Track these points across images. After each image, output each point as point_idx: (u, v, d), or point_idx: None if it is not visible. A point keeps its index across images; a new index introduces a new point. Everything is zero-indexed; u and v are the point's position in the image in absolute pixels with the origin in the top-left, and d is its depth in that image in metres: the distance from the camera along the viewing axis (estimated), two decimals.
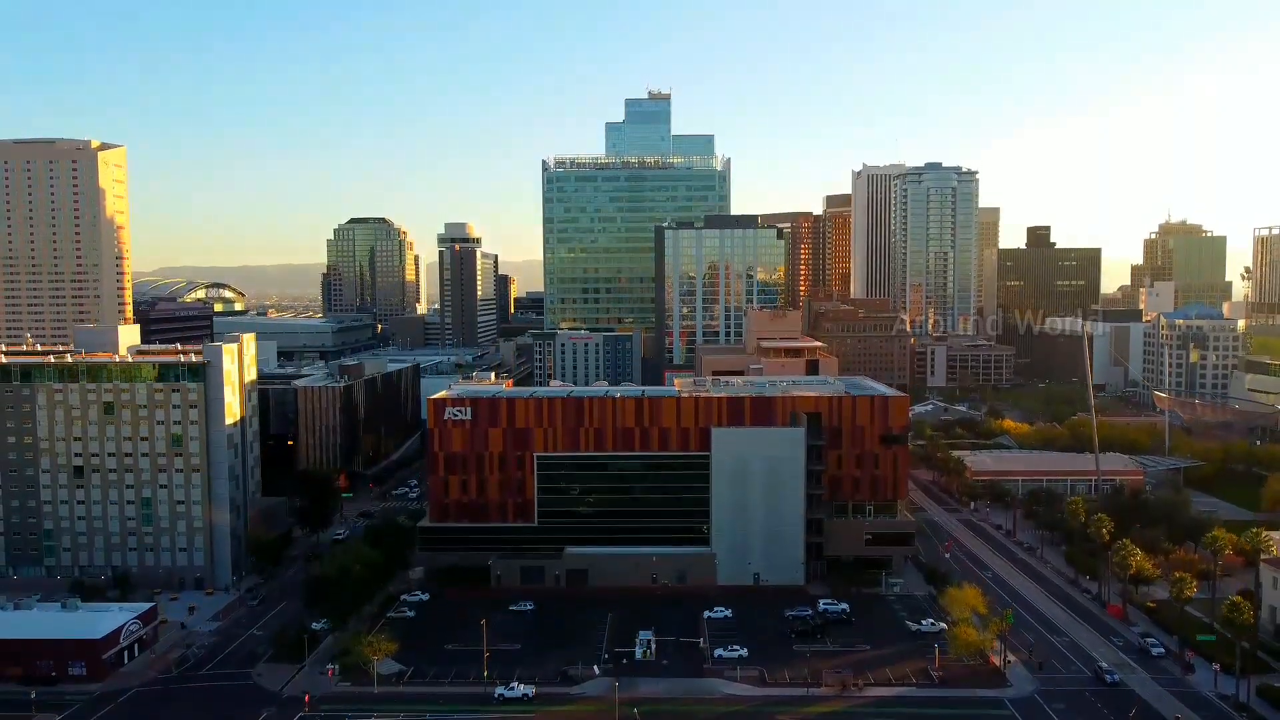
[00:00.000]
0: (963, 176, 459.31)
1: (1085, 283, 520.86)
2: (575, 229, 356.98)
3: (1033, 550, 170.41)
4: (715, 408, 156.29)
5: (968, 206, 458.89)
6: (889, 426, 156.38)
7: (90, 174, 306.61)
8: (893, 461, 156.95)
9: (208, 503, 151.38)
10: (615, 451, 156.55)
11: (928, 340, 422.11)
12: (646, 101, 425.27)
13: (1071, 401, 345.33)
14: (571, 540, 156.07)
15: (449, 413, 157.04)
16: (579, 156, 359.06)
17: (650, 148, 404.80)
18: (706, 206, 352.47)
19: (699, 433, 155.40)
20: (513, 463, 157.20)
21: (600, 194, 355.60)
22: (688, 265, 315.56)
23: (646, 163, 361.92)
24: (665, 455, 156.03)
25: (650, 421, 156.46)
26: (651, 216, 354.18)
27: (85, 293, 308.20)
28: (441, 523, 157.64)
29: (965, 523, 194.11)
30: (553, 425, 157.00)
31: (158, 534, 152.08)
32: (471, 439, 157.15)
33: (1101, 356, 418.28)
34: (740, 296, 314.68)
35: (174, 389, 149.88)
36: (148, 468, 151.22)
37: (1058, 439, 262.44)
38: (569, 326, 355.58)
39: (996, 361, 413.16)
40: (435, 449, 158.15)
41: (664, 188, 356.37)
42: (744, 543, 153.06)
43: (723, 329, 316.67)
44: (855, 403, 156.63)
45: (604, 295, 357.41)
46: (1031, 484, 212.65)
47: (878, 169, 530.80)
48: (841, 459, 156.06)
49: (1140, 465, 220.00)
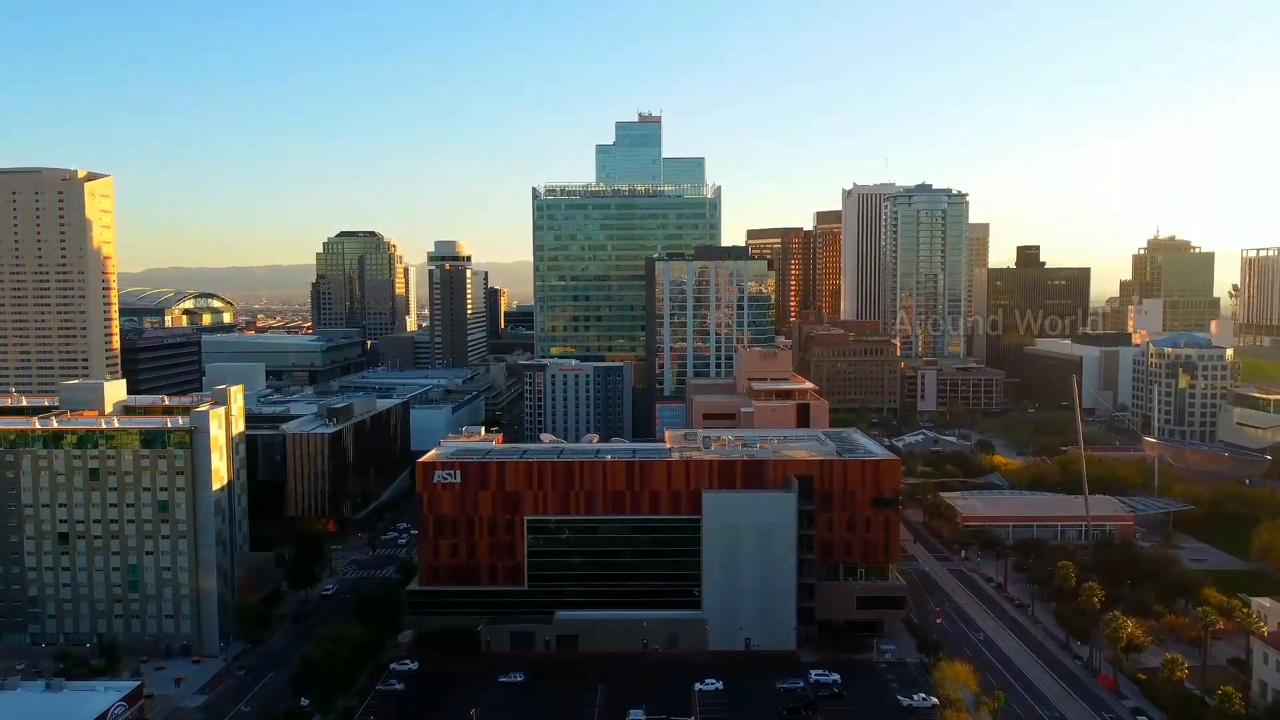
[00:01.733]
0: (953, 199, 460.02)
1: (1074, 302, 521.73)
2: (566, 256, 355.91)
3: (1024, 608, 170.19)
4: (706, 471, 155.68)
5: (958, 228, 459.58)
6: (880, 489, 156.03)
7: (77, 205, 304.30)
8: (884, 525, 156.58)
9: (195, 569, 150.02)
10: (606, 515, 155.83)
11: (918, 364, 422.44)
12: (637, 125, 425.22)
13: (1061, 431, 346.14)
14: (562, 603, 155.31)
15: (439, 476, 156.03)
16: (570, 184, 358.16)
17: (641, 171, 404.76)
18: (696, 235, 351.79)
19: (690, 496, 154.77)
20: (503, 526, 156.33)
21: (591, 221, 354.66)
22: (678, 296, 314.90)
23: (637, 190, 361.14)
24: (656, 519, 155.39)
25: (641, 484, 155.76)
26: (642, 244, 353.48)
27: (72, 326, 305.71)
28: (432, 586, 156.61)
29: (955, 573, 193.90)
30: (543, 488, 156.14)
31: (144, 601, 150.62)
32: (461, 502, 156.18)
33: (1091, 381, 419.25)
34: (731, 328, 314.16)
35: (160, 455, 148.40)
36: (134, 534, 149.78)
37: (1048, 476, 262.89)
38: (559, 354, 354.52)
39: (987, 386, 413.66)
40: (425, 512, 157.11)
41: (654, 215, 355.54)
42: (735, 607, 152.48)
43: (713, 360, 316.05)
44: (847, 466, 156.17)
45: (594, 323, 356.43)
46: (1022, 529, 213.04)
47: (868, 188, 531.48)
48: (833, 522, 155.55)
49: (1130, 509, 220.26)
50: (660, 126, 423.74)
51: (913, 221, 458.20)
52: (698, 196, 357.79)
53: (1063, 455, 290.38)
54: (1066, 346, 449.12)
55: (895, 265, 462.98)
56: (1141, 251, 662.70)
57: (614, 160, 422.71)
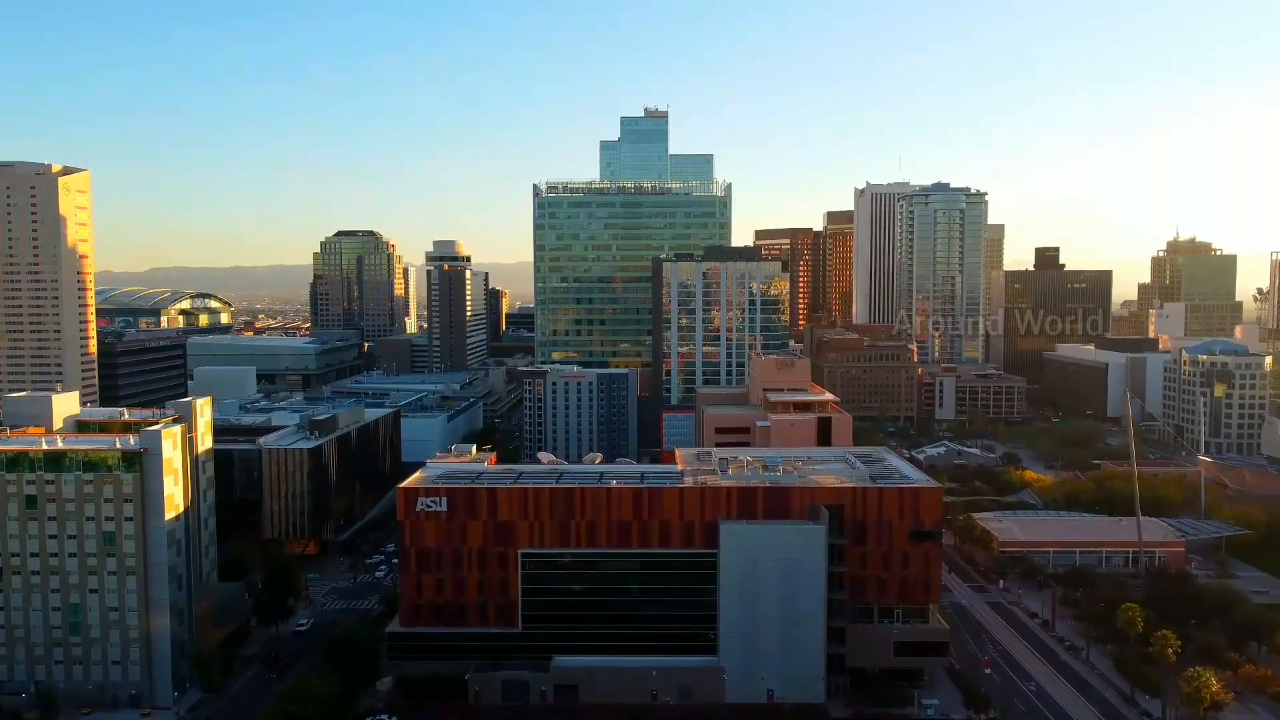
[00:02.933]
0: (971, 198, 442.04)
1: (1095, 306, 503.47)
2: (568, 257, 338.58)
3: (1077, 651, 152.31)
4: (723, 499, 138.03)
5: (976, 229, 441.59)
6: (920, 521, 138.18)
7: (50, 201, 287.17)
8: (924, 560, 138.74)
9: (145, 609, 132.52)
10: (610, 548, 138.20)
11: (935, 370, 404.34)
12: (643, 120, 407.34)
13: (1087, 442, 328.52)
14: (560, 648, 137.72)
15: (422, 503, 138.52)
16: (572, 181, 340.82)
17: (647, 169, 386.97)
18: (706, 235, 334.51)
19: (705, 527, 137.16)
20: (494, 560, 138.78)
21: (595, 221, 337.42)
22: (686, 299, 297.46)
23: (643, 188, 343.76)
24: (667, 552, 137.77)
25: (650, 514, 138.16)
26: (648, 245, 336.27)
27: (44, 330, 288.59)
28: (413, 627, 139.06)
29: (995, 606, 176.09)
30: (539, 518, 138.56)
31: (87, 645, 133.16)
32: (448, 533, 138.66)
33: (1116, 388, 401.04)
34: (742, 333, 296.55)
35: (106, 481, 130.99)
36: (76, 570, 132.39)
37: (1084, 494, 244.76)
38: (561, 359, 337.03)
39: (1007, 393, 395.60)
40: (407, 544, 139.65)
41: (662, 214, 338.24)
42: (756, 653, 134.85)
43: (723, 367, 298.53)
44: (882, 494, 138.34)
45: (598, 327, 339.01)
46: (1064, 555, 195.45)
47: (881, 188, 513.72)
48: (866, 557, 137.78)
49: (1180, 533, 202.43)
50: (667, 122, 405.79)
51: (929, 221, 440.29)
52: (707, 194, 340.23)
53: (1096, 470, 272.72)
54: (1089, 352, 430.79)
55: (911, 267, 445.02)
56: (1160, 254, 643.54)
57: (619, 157, 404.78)
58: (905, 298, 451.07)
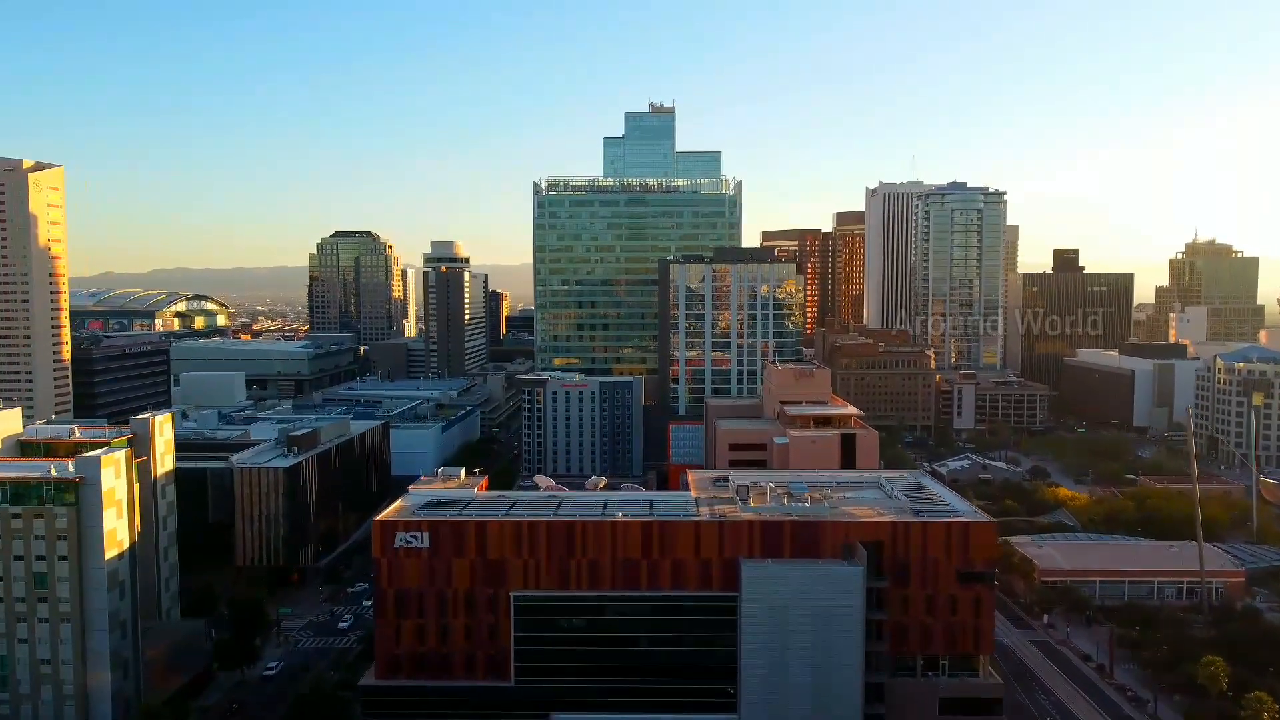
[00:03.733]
0: (989, 198, 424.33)
1: (1116, 310, 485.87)
2: (569, 259, 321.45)
3: (1142, 704, 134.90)
4: (745, 534, 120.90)
5: (995, 230, 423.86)
6: (970, 560, 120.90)
7: (19, 197, 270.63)
8: (974, 605, 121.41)
9: (81, 662, 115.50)
10: (616, 590, 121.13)
11: (953, 377, 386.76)
12: (648, 116, 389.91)
13: (1117, 454, 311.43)
14: (559, 704, 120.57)
15: (401, 539, 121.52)
16: (574, 179, 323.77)
17: (652, 166, 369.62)
18: (715, 235, 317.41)
19: (724, 567, 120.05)
20: (483, 603, 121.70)
21: (597, 220, 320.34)
22: (694, 303, 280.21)
23: (649, 186, 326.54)
24: (681, 596, 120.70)
25: (661, 551, 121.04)
26: (654, 246, 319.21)
27: (13, 334, 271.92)
28: (391, 680, 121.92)
29: (1041, 646, 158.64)
30: (535, 555, 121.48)
31: (16, 703, 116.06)
32: (430, 572, 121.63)
33: (1144, 397, 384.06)
34: (754, 338, 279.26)
35: (36, 515, 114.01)
36: (1, 616, 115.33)
37: (1123, 514, 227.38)
38: (562, 365, 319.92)
39: (1029, 402, 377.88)
40: (384, 585, 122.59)
41: (668, 214, 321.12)
42: (782, 711, 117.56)
43: (734, 374, 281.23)
44: (926, 530, 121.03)
45: (600, 332, 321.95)
46: (1112, 586, 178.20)
47: (894, 187, 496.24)
48: (908, 602, 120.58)
49: (1239, 561, 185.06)
50: (674, 118, 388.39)
51: (946, 222, 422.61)
52: (716, 193, 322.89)
53: (1133, 487, 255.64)
54: (1113, 359, 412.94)
55: (927, 269, 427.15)
56: (1179, 256, 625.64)
57: (623, 154, 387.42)
58: (920, 301, 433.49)
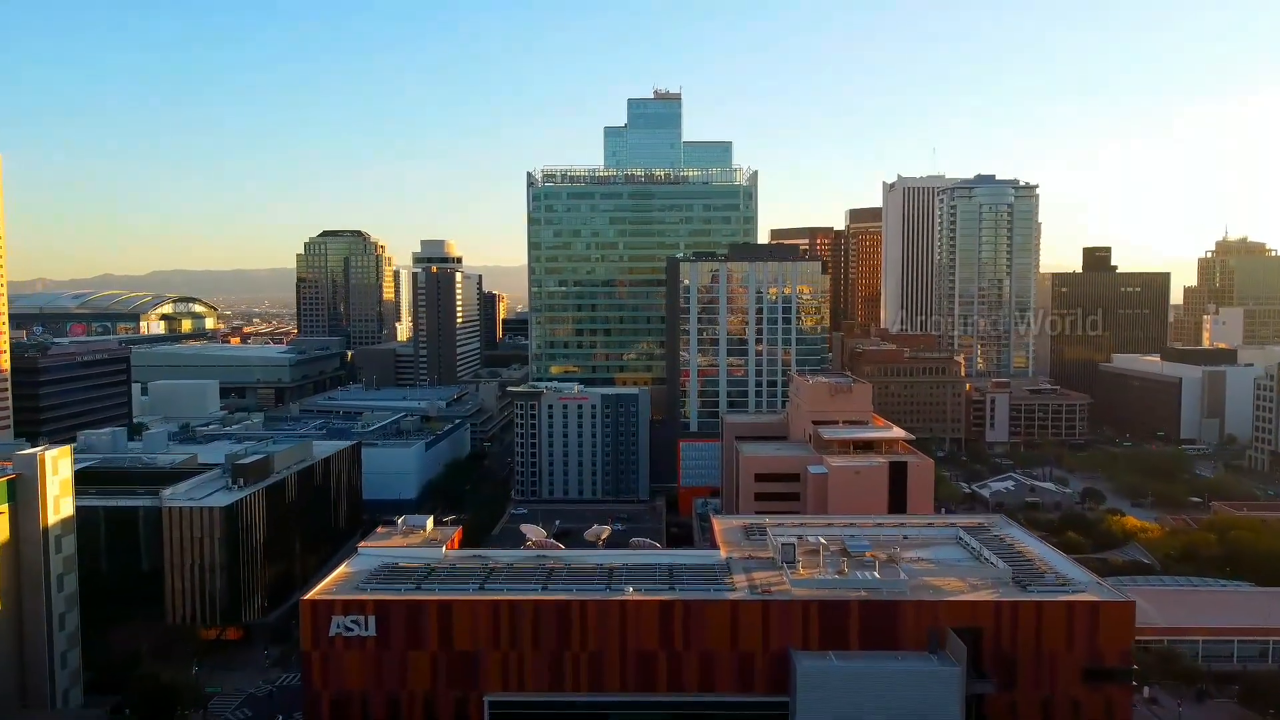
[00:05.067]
0: (1020, 191, 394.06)
1: (1151, 312, 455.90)
2: (567, 257, 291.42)
3: None
4: (798, 618, 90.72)
5: (1027, 226, 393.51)
6: (1098, 652, 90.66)
7: None
8: (1104, 712, 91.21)
9: None
10: (625, 694, 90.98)
11: (985, 386, 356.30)
12: (653, 102, 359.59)
13: (1173, 472, 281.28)
14: None
15: (339, 624, 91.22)
16: (572, 168, 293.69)
17: (658, 157, 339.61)
18: (728, 230, 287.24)
19: (770, 662, 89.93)
20: (448, 711, 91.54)
21: (598, 214, 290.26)
22: (708, 306, 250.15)
23: (655, 176, 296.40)
24: (712, 702, 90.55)
25: (685, 641, 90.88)
26: (661, 242, 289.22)
27: None
28: None
29: None
30: (518, 646, 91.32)
31: None
32: (378, 670, 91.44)
33: (1191, 407, 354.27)
34: (774, 346, 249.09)
35: None
36: None
37: (1202, 548, 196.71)
38: (559, 373, 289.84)
39: (1068, 412, 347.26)
40: (316, 687, 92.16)
41: (677, 206, 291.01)
42: None
43: (751, 386, 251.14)
44: (1041, 612, 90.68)
45: (602, 338, 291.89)
46: (1218, 645, 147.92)
47: (914, 181, 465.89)
48: (1017, 710, 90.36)
49: None
50: (680, 104, 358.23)
51: (974, 217, 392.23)
52: (729, 184, 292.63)
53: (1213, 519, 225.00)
54: (1154, 365, 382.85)
55: (953, 268, 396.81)
56: (1208, 255, 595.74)
57: (625, 145, 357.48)
58: (946, 303, 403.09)
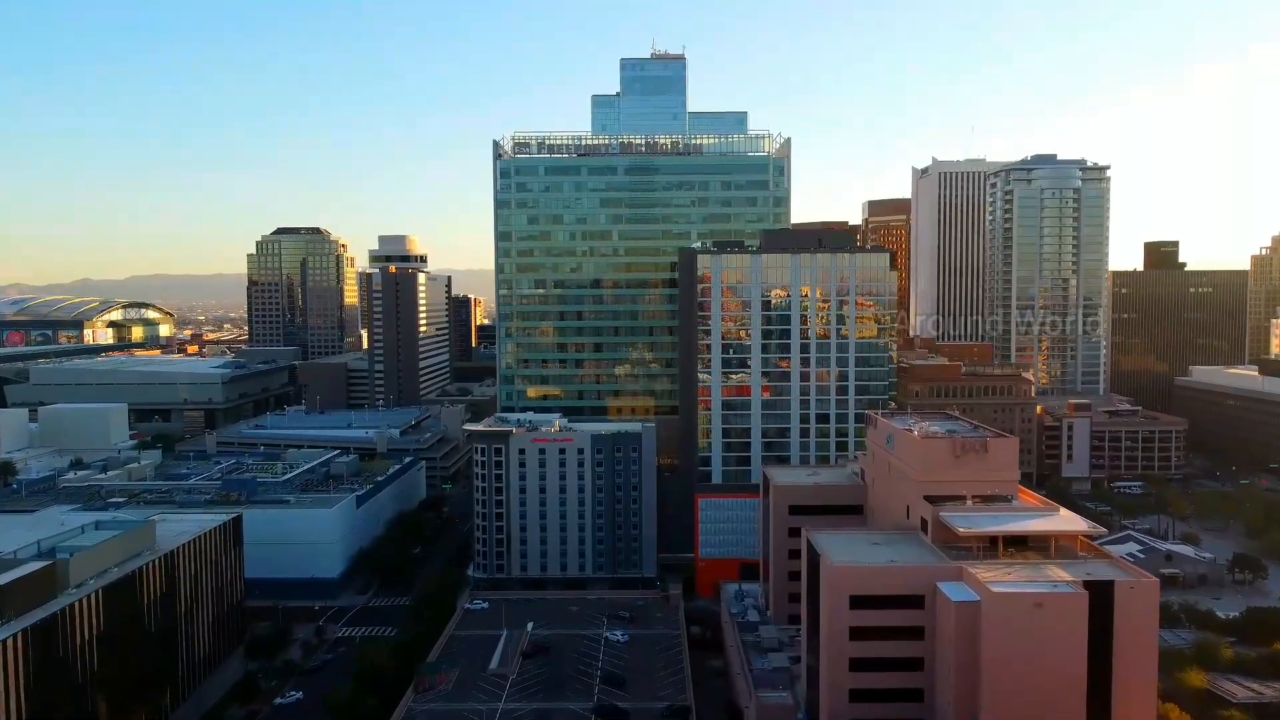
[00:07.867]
0: (1089, 172, 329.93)
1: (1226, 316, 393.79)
2: (546, 250, 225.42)
3: None
4: None
5: (1097, 215, 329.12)
6: None
7: None
8: None
9: None
10: None
11: (1057, 408, 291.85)
12: (651, 63, 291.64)
13: None
14: None
15: None
16: (552, 135, 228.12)
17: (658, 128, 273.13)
18: (754, 214, 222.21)
19: None
20: None
21: (586, 194, 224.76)
22: (736, 313, 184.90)
23: (658, 145, 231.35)
24: None
25: None
26: (667, 230, 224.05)
27: None
28: None
29: None
30: None
31: None
32: None
33: None
34: (826, 368, 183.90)
35: None
36: None
37: None
38: (537, 397, 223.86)
39: (1161, 440, 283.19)
40: None
41: (688, 183, 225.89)
42: None
43: (796, 423, 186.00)
44: None
45: (591, 355, 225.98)
46: None
47: (953, 165, 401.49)
48: None
49: None
50: (685, 67, 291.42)
51: (1034, 205, 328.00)
52: (755, 153, 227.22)
53: None
54: (1250, 379, 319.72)
55: (1008, 265, 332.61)
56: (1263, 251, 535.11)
57: (618, 115, 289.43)
58: (999, 306, 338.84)
